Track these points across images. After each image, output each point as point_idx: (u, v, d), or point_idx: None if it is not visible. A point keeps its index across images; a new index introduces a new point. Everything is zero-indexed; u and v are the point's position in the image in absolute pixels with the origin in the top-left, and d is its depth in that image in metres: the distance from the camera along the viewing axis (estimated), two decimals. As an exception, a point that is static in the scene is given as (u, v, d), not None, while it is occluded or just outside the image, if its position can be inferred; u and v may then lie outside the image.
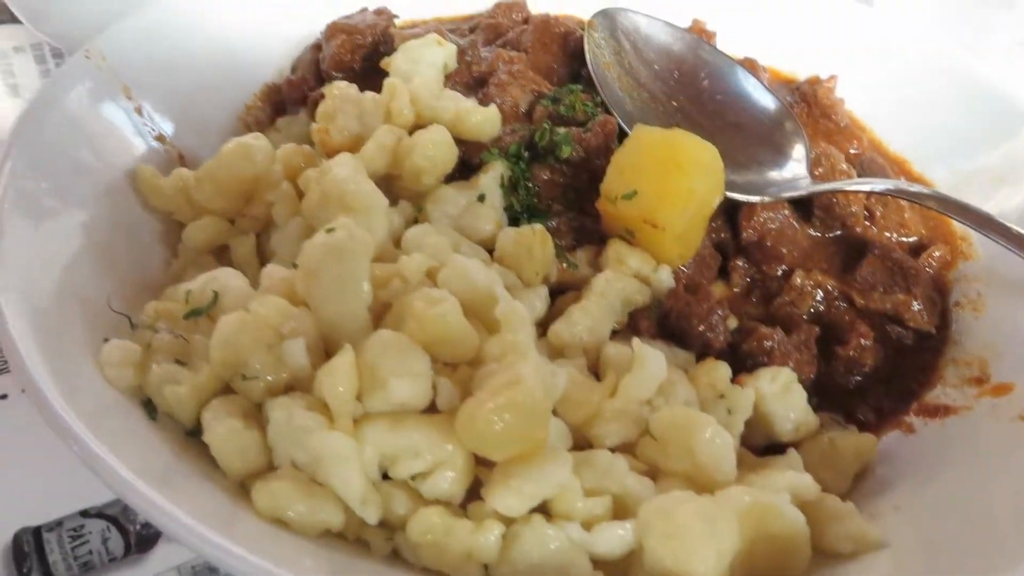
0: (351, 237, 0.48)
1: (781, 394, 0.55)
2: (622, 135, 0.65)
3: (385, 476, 0.46)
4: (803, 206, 0.67)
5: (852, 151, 0.75)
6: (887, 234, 0.68)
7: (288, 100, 0.72)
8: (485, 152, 0.62)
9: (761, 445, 0.56)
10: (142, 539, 0.55)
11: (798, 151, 0.68)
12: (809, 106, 0.77)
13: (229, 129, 0.71)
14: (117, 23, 0.65)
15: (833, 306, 0.64)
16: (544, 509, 0.45)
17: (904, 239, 0.69)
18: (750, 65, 0.76)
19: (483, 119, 0.62)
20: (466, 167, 0.63)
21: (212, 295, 0.49)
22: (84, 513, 0.56)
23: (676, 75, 0.73)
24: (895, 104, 0.80)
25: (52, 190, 0.56)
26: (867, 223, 0.68)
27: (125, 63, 0.64)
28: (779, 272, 0.65)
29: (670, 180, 0.57)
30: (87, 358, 0.48)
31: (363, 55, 0.71)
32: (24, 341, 0.45)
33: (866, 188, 0.64)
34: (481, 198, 0.59)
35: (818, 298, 0.64)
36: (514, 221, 0.62)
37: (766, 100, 0.71)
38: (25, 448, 0.58)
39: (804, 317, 0.63)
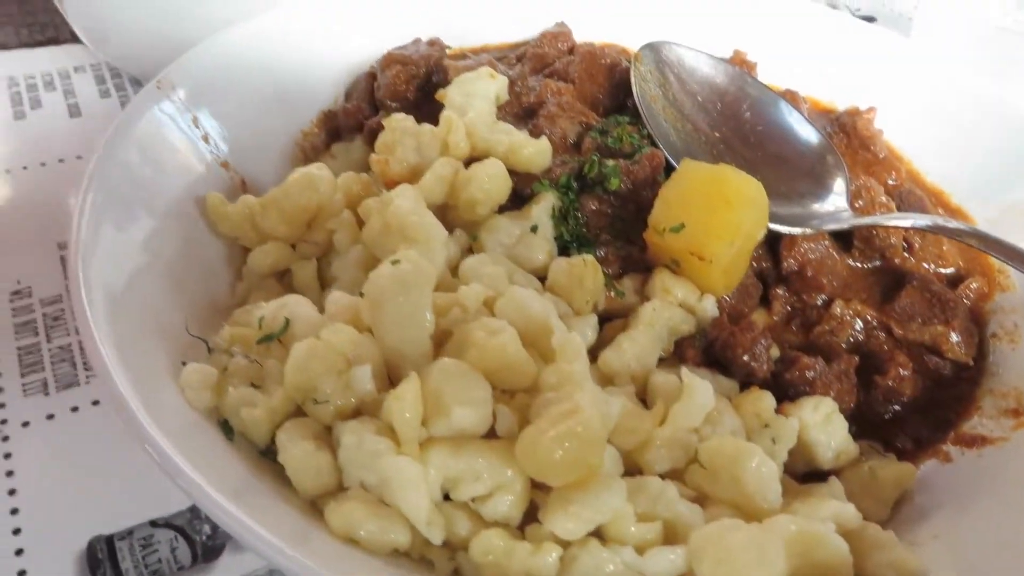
0: (416, 269, 0.51)
1: (823, 423, 0.57)
2: (668, 166, 0.67)
3: (446, 497, 0.49)
4: (843, 236, 0.69)
5: (890, 182, 0.76)
6: (925, 265, 0.70)
7: (344, 127, 0.75)
8: (536, 183, 0.65)
9: (802, 472, 0.58)
10: (208, 550, 0.58)
11: (839, 184, 0.70)
12: (848, 137, 0.78)
13: (287, 154, 0.74)
14: (186, 55, 0.68)
15: (872, 336, 0.66)
16: (598, 533, 0.47)
17: (942, 270, 0.71)
18: (791, 97, 0.78)
19: (535, 152, 0.64)
20: (517, 196, 0.65)
21: (284, 321, 0.52)
22: (153, 523, 0.59)
23: (719, 107, 0.75)
24: (932, 135, 0.81)
25: (129, 218, 0.59)
26: (906, 254, 0.70)
27: (193, 93, 0.67)
28: (819, 301, 0.67)
29: (717, 214, 0.59)
30: (167, 379, 0.51)
31: (417, 85, 0.74)
32: (113, 363, 0.47)
33: (905, 223, 0.66)
34: (534, 229, 0.62)
35: (857, 327, 0.66)
36: (563, 250, 0.64)
37: (807, 132, 0.73)
38: (96, 459, 0.61)
39: (843, 346, 0.65)
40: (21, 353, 0.67)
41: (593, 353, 0.59)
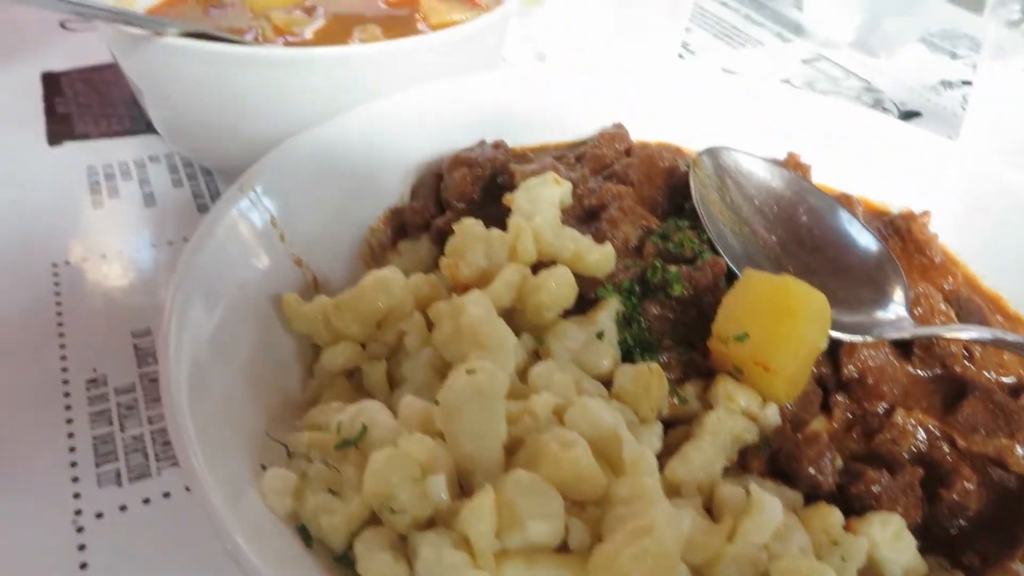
0: (490, 379, 0.52)
1: (892, 541, 0.56)
2: (728, 271, 0.69)
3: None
4: (902, 344, 0.70)
5: (947, 287, 0.77)
6: (987, 374, 0.70)
7: (410, 224, 0.78)
8: (600, 288, 0.67)
9: (868, 589, 0.58)
10: (274, 649, 0.59)
11: (898, 291, 0.71)
12: (903, 241, 0.79)
13: (356, 250, 0.77)
14: (265, 158, 0.71)
15: (935, 446, 0.66)
16: (671, 652, 0.47)
17: (1004, 379, 0.71)
18: (846, 201, 0.79)
19: (600, 258, 0.66)
20: (581, 298, 0.67)
21: (361, 427, 0.54)
22: (221, 620, 0.60)
23: (776, 210, 0.77)
24: (986, 238, 0.82)
25: (210, 317, 0.61)
26: (967, 363, 0.70)
27: (272, 194, 0.70)
28: (880, 409, 0.68)
29: (782, 326, 0.60)
30: (248, 480, 0.52)
31: (482, 186, 0.77)
32: (199, 463, 0.49)
33: (965, 336, 0.67)
34: (599, 335, 0.63)
35: (920, 437, 0.66)
36: (626, 355, 0.65)
37: (865, 239, 0.75)
38: (168, 554, 0.62)
39: (906, 456, 0.65)
40: (96, 443, 0.69)
41: (657, 461, 0.59)
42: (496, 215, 0.72)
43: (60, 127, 1.04)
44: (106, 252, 0.87)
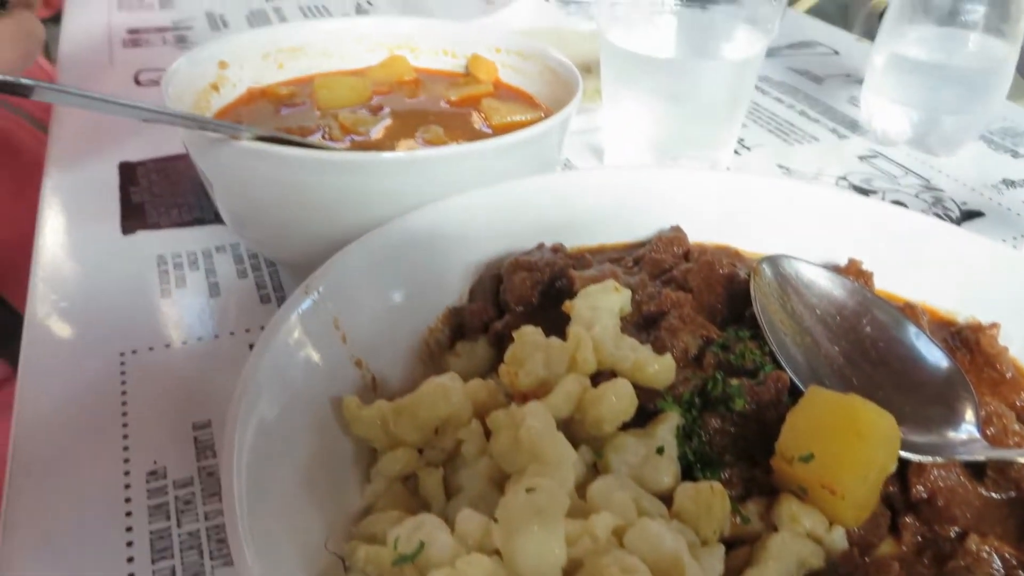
0: (550, 498, 0.52)
1: None
2: (792, 384, 0.67)
3: None
4: (975, 464, 0.67)
5: (1019, 403, 0.75)
6: (1065, 500, 0.67)
7: (468, 326, 0.78)
8: (660, 399, 0.66)
9: None
10: None
11: (968, 410, 0.69)
12: (972, 353, 0.77)
13: (414, 351, 0.78)
14: (331, 261, 0.73)
15: (1012, 575, 0.63)
16: None
17: (1084, 505, 0.68)
18: (910, 312, 0.78)
19: (660, 369, 0.66)
20: (640, 410, 0.66)
21: (418, 544, 0.53)
22: None
23: (838, 320, 0.76)
24: (1059, 351, 0.80)
25: (271, 418, 0.62)
26: (1043, 487, 0.67)
27: (336, 295, 0.72)
28: (952, 533, 0.65)
29: (849, 448, 0.59)
30: (303, 595, 0.52)
31: (540, 290, 0.77)
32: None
33: (1044, 460, 0.64)
34: (660, 450, 0.62)
35: (995, 565, 0.63)
36: (686, 470, 0.64)
37: (932, 353, 0.73)
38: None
39: (982, 585, 0.62)
40: (153, 537, 0.70)
41: (719, 583, 0.58)
42: (555, 319, 0.72)
43: (134, 216, 1.08)
44: (171, 342, 0.89)
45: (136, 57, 1.56)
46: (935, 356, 0.73)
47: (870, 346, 0.74)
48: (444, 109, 1.07)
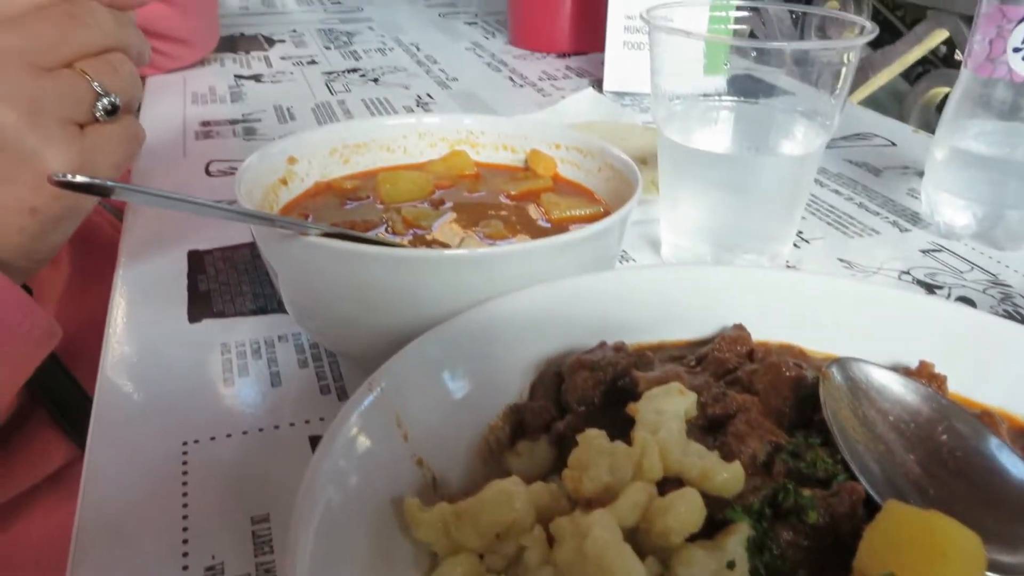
0: (620, 618, 0.50)
1: None
2: (867, 495, 0.65)
3: None
4: (1066, 587, 0.64)
5: (1110, 519, 0.71)
6: None
7: (529, 425, 0.77)
8: (729, 510, 0.64)
9: None
10: None
11: (1057, 528, 0.65)
12: (1056, 465, 0.74)
13: (475, 449, 0.77)
14: (394, 359, 0.74)
15: None
16: None
17: None
18: (988, 420, 0.75)
19: (730, 478, 0.64)
20: (708, 520, 0.64)
21: (482, 661, 0.52)
22: None
23: (912, 427, 0.73)
24: None
25: (331, 518, 0.61)
26: None
27: (398, 393, 0.72)
28: (1045, 664, 0.61)
29: (932, 568, 0.56)
30: None
31: (603, 390, 0.77)
32: None
33: None
34: (730, 564, 0.60)
35: None
36: (757, 585, 0.62)
37: (1014, 464, 0.70)
38: None
39: None
40: (209, 638, 0.69)
41: None
42: (617, 420, 0.71)
43: (200, 305, 1.11)
44: (232, 431, 0.90)
45: (207, 148, 1.63)
46: (1019, 469, 0.69)
47: (948, 456, 0.71)
48: (504, 203, 1.09)
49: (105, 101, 0.94)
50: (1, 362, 0.93)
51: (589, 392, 0.76)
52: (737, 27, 1.26)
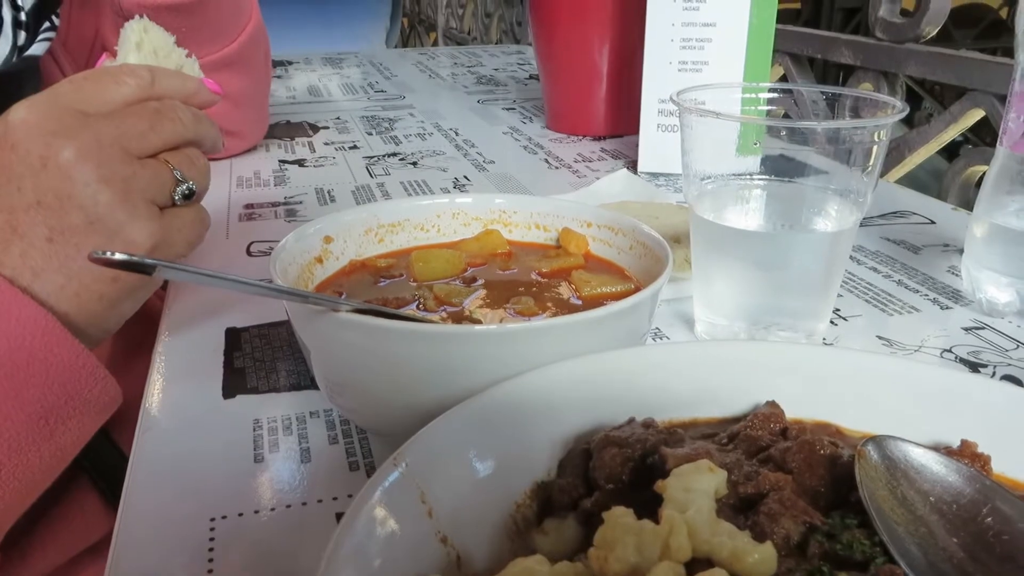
0: None
1: None
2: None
3: None
4: None
5: None
6: None
7: (557, 503, 0.76)
8: (762, 593, 0.62)
9: None
10: None
11: (1116, 619, 0.62)
12: (1112, 551, 0.70)
13: (500, 527, 0.76)
14: (419, 434, 0.73)
15: None
16: None
17: None
18: (1037, 502, 0.72)
19: (761, 559, 0.62)
20: (739, 603, 0.62)
21: None
22: None
23: (955, 508, 0.70)
24: None
25: (355, 599, 0.60)
26: None
27: (423, 470, 0.71)
28: None
29: (978, 661, 0.53)
30: None
31: (631, 467, 0.75)
32: None
33: None
34: (764, 651, 0.58)
35: None
36: (794, 674, 0.59)
37: (1065, 550, 0.66)
38: None
39: None
40: None
41: None
42: (646, 498, 0.69)
43: (235, 381, 1.12)
44: (260, 507, 0.90)
45: (249, 230, 1.68)
46: (1069, 554, 0.66)
47: (993, 539, 0.68)
48: (535, 280, 1.10)
49: (184, 187, 1.04)
50: (71, 429, 0.96)
51: (617, 469, 0.75)
52: (770, 107, 1.27)
